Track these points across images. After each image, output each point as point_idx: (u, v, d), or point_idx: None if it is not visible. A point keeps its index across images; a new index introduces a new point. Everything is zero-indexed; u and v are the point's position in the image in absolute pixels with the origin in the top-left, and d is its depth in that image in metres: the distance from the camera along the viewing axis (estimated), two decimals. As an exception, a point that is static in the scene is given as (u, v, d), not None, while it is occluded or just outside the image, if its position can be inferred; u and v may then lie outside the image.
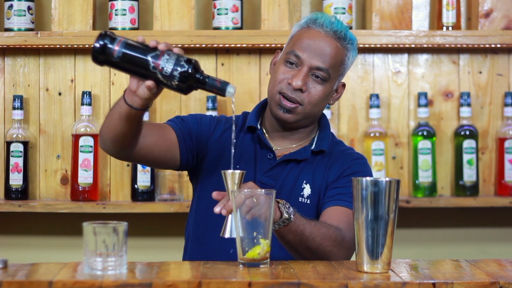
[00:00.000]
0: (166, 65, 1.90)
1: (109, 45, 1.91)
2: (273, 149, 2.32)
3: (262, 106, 2.40)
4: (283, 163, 2.30)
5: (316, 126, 2.38)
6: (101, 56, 1.92)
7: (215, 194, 1.99)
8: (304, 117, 2.29)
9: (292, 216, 2.00)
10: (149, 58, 1.90)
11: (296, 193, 2.28)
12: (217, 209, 1.95)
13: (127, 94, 2.01)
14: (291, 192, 2.27)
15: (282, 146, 2.34)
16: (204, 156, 2.34)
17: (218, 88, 1.94)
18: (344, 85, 2.36)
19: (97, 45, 1.91)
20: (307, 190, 2.29)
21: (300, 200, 2.27)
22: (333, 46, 2.26)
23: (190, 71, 1.90)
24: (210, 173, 2.32)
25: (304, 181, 2.29)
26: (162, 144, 2.27)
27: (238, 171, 1.95)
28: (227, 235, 1.95)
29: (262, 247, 1.88)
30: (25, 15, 3.07)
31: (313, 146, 2.33)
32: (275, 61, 2.37)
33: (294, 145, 2.35)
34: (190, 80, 1.92)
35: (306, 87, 2.25)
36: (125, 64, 1.92)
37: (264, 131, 2.36)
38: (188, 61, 1.91)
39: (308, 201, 2.28)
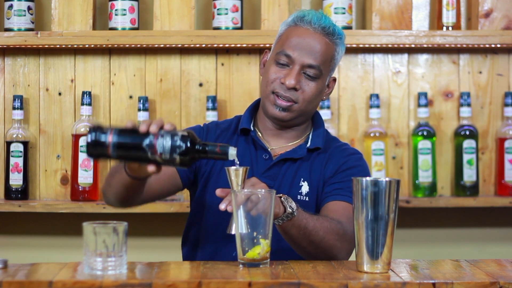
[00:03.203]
0: (164, 150, 1.88)
1: (102, 140, 1.88)
2: (268, 149, 2.33)
3: (254, 107, 2.40)
4: (279, 162, 2.30)
5: (310, 123, 2.38)
6: (95, 152, 1.91)
7: (218, 191, 1.99)
8: (300, 115, 2.29)
9: (295, 210, 2.00)
10: (145, 147, 1.88)
11: (295, 191, 2.28)
12: (222, 206, 1.95)
13: (129, 168, 2.03)
14: (289, 190, 2.27)
15: (277, 145, 2.34)
16: (201, 166, 2.34)
17: (219, 154, 1.92)
18: (335, 80, 2.37)
19: (90, 141, 1.89)
20: (305, 187, 2.29)
21: (298, 198, 2.27)
22: (322, 43, 2.27)
23: (188, 146, 1.88)
24: (208, 179, 2.33)
25: (302, 179, 2.30)
26: (163, 181, 2.30)
27: (241, 167, 1.95)
28: (233, 232, 1.94)
29: (262, 247, 1.88)
30: (25, 15, 3.07)
31: (309, 143, 2.33)
32: (264, 61, 2.37)
33: (289, 144, 2.35)
34: (190, 155, 1.89)
35: (299, 85, 2.25)
36: (123, 158, 1.92)
37: (258, 132, 2.36)
38: (183, 138, 1.88)
39: (307, 199, 2.28)
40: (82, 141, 3.07)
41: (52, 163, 3.17)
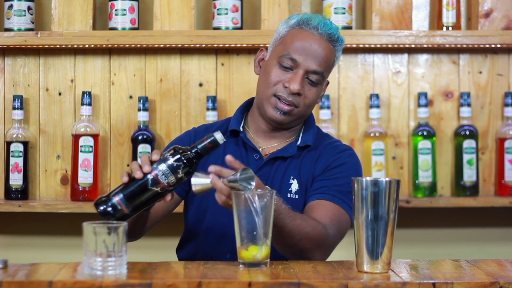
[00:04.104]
0: (168, 177, 1.94)
1: (113, 206, 1.94)
2: (259, 149, 2.32)
3: (245, 107, 2.39)
4: (270, 161, 2.30)
5: (302, 123, 2.38)
6: (118, 219, 1.95)
7: (229, 157, 1.97)
8: (298, 118, 2.30)
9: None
10: (152, 188, 1.94)
11: (284, 189, 2.28)
12: (214, 179, 1.94)
13: None
14: (280, 188, 2.27)
15: (269, 145, 2.34)
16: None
17: (210, 147, 1.98)
18: (328, 83, 2.36)
19: (102, 213, 1.95)
20: (294, 185, 2.29)
21: (288, 196, 2.27)
22: (327, 49, 2.26)
23: (185, 161, 1.94)
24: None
25: (291, 177, 2.29)
26: (164, 203, 2.31)
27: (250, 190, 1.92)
28: (193, 187, 1.95)
29: (262, 248, 1.88)
30: (25, 15, 3.07)
31: (299, 141, 2.33)
32: (259, 59, 2.36)
33: (280, 143, 2.34)
34: (191, 165, 1.95)
35: (302, 91, 2.25)
36: (140, 208, 1.97)
37: (249, 132, 2.35)
38: (174, 156, 1.94)
39: (296, 196, 2.28)
40: (82, 141, 3.07)
41: (52, 163, 3.17)
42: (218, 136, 1.97)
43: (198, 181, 1.95)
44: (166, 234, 3.19)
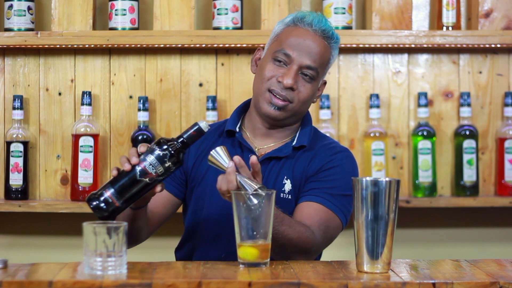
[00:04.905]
0: (155, 167, 1.97)
1: (104, 200, 1.97)
2: (255, 149, 2.32)
3: (243, 108, 2.40)
4: (265, 161, 2.30)
5: (299, 122, 2.38)
6: (106, 213, 1.98)
7: (254, 158, 2.02)
8: (293, 114, 2.29)
9: None
10: (141, 178, 1.98)
11: (278, 189, 2.28)
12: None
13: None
14: (273, 188, 2.26)
15: (265, 145, 2.34)
16: (188, 172, 2.35)
17: (195, 135, 2.02)
18: (325, 83, 2.36)
19: (94, 208, 1.98)
20: (287, 185, 2.29)
21: (281, 196, 2.27)
22: (322, 45, 2.27)
23: (172, 151, 1.98)
24: (194, 184, 2.33)
25: (285, 177, 2.29)
26: (161, 205, 2.34)
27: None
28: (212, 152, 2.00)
29: (261, 247, 1.88)
30: (25, 15, 3.07)
31: (294, 142, 2.32)
32: (256, 59, 2.37)
33: (276, 143, 2.34)
34: (178, 154, 1.99)
35: (296, 86, 2.25)
36: (131, 200, 2.00)
37: (246, 132, 2.35)
38: (160, 146, 1.98)
39: (289, 197, 2.28)
40: (82, 141, 3.07)
41: (52, 163, 3.17)
42: (203, 124, 2.01)
43: (218, 156, 1.99)
44: (166, 234, 3.18)
